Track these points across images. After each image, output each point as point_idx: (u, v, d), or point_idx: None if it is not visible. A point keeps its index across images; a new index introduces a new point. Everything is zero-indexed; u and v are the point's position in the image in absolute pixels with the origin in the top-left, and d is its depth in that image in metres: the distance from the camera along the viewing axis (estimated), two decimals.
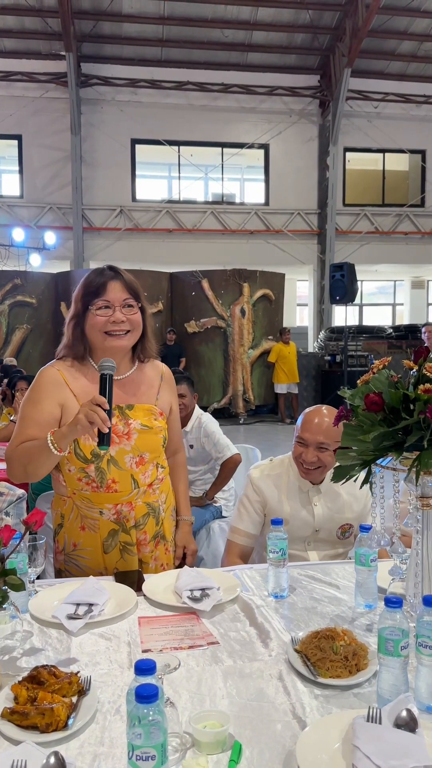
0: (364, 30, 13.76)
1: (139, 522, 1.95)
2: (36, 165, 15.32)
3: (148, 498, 1.96)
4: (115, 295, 1.88)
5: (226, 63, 15.39)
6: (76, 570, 1.97)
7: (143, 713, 0.94)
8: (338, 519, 2.26)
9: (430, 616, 1.21)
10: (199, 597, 1.69)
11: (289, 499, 2.26)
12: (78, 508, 1.94)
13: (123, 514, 1.92)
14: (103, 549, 1.93)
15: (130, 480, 1.91)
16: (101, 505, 1.91)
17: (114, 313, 1.87)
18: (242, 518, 2.32)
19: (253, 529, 2.31)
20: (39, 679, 1.24)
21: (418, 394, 1.39)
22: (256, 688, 1.31)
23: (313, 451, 2.17)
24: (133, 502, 1.93)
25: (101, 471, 1.88)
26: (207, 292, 12.08)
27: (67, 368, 1.93)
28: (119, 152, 15.56)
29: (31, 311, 12.06)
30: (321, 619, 1.63)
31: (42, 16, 13.71)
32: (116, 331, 1.88)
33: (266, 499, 2.28)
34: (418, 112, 16.53)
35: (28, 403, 1.90)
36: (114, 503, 1.91)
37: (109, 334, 1.88)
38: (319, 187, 16.44)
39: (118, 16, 14.02)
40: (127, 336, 1.90)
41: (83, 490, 1.91)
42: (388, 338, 13.92)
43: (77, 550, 1.96)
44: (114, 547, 1.93)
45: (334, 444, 2.14)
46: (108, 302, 1.88)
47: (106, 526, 1.92)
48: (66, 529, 1.97)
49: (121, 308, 1.89)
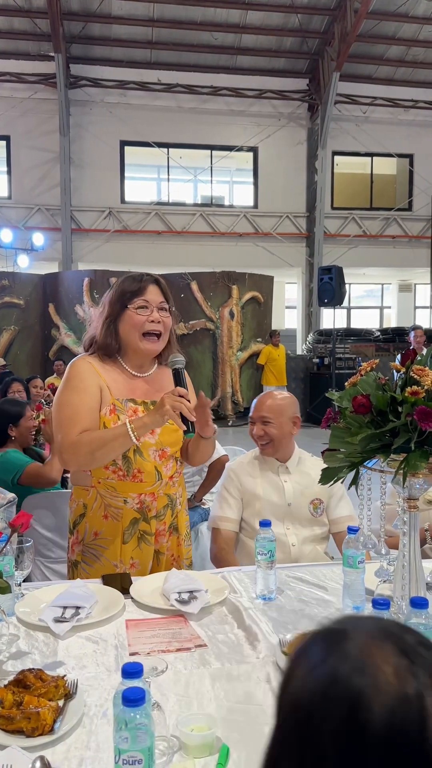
0: (352, 34, 13.84)
1: (159, 513, 2.02)
2: (24, 166, 15.26)
3: (168, 490, 2.04)
4: (152, 296, 1.98)
5: (215, 66, 15.42)
6: (93, 560, 2.02)
7: (130, 717, 0.94)
8: (308, 493, 2.41)
9: (417, 618, 1.22)
10: (186, 599, 1.69)
11: (261, 478, 2.45)
12: (102, 497, 2.00)
13: (146, 504, 1.99)
14: (122, 538, 1.99)
15: (154, 472, 1.98)
16: (126, 494, 1.97)
17: (152, 313, 1.96)
18: (222, 506, 2.44)
19: (235, 513, 2.43)
20: (25, 682, 1.23)
21: (406, 396, 1.39)
22: (244, 690, 1.30)
23: (259, 426, 2.40)
24: (155, 492, 2.00)
25: (128, 460, 1.95)
26: (196, 294, 12.07)
27: (97, 361, 2.02)
28: (108, 154, 15.54)
29: (19, 312, 11.98)
30: (309, 621, 1.63)
31: (31, 17, 13.67)
32: (153, 331, 1.97)
33: (241, 481, 2.45)
34: (406, 117, 16.64)
35: (73, 392, 1.97)
36: (138, 493, 1.98)
37: (145, 336, 1.97)
38: (307, 191, 16.50)
39: (107, 17, 14.01)
40: (161, 339, 2.01)
41: (109, 479, 1.97)
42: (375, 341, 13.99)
43: (98, 539, 2.01)
44: (133, 536, 2.00)
45: (277, 418, 2.40)
46: (147, 302, 1.97)
47: (128, 515, 1.99)
48: (88, 518, 2.02)
49: (158, 310, 1.98)
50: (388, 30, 14.83)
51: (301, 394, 12.97)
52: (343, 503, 2.44)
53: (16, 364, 11.21)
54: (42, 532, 3.21)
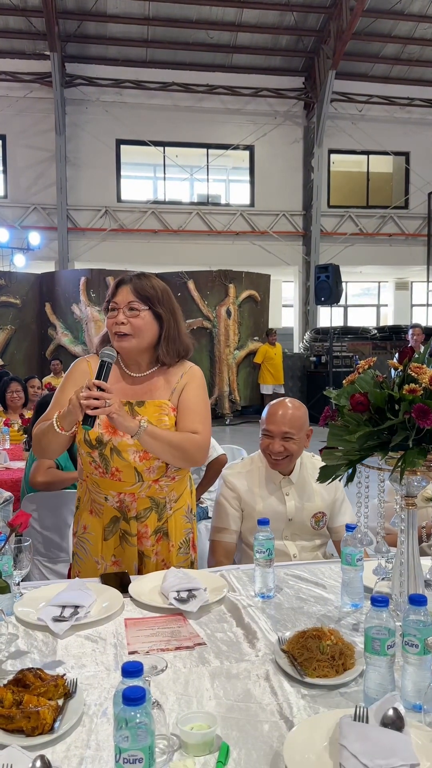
0: (348, 32, 13.84)
1: (140, 514, 2.01)
2: (20, 165, 15.22)
3: (153, 493, 2.01)
4: (121, 297, 1.97)
5: (211, 64, 15.40)
6: (83, 553, 2.07)
7: (130, 716, 0.94)
8: (310, 507, 2.32)
9: (416, 615, 1.22)
10: (185, 598, 1.69)
11: (262, 491, 2.33)
12: (90, 492, 2.05)
13: (125, 503, 2.00)
14: (103, 535, 2.02)
15: (133, 472, 1.96)
16: (107, 491, 2.00)
17: (118, 315, 1.95)
18: (221, 517, 2.37)
19: (234, 525, 2.36)
20: (24, 682, 1.23)
21: (403, 394, 1.39)
22: (243, 688, 1.31)
23: (279, 442, 2.25)
24: (136, 493, 1.99)
25: (105, 458, 1.96)
26: (193, 293, 12.08)
27: (95, 360, 2.05)
28: (104, 153, 15.51)
29: (16, 312, 11.96)
30: (308, 619, 1.64)
31: (26, 15, 13.64)
32: (117, 332, 1.95)
33: (240, 494, 2.34)
34: (402, 115, 16.65)
35: (59, 388, 2.08)
36: (117, 491, 1.99)
37: (116, 336, 1.97)
38: (303, 189, 16.50)
39: (102, 16, 13.98)
40: (135, 338, 1.96)
41: (93, 474, 2.00)
42: (372, 339, 14.00)
43: (85, 533, 2.06)
44: (114, 534, 2.02)
45: (298, 433, 2.25)
46: (116, 304, 1.97)
47: (109, 513, 2.01)
48: (79, 512, 2.10)
49: (125, 310, 1.95)
50: (384, 28, 14.83)
51: (298, 392, 12.99)
52: (344, 509, 2.38)
53: (13, 364, 11.20)
54: (41, 531, 3.21)
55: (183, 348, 2.08)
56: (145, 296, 1.97)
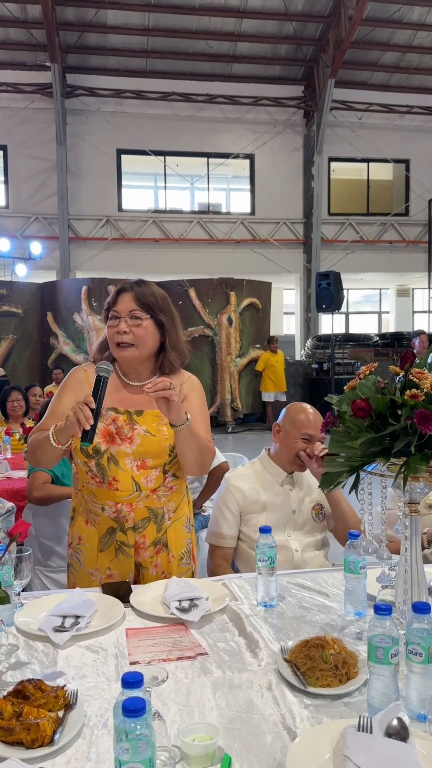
0: (347, 41, 13.92)
1: (137, 525, 1.97)
2: (22, 175, 15.30)
3: (150, 503, 1.98)
4: (122, 306, 1.95)
5: (210, 74, 15.49)
6: (77, 564, 2.04)
7: (130, 727, 0.92)
8: (309, 500, 2.43)
9: (419, 623, 1.20)
10: (187, 607, 1.67)
11: (265, 489, 2.43)
12: (85, 501, 2.02)
13: (123, 513, 1.96)
14: (99, 546, 1.99)
15: (131, 482, 1.94)
16: (103, 501, 1.96)
17: (119, 324, 1.93)
18: (220, 522, 2.42)
19: (233, 530, 2.42)
20: (24, 693, 1.22)
21: (405, 399, 1.38)
22: (246, 699, 1.29)
23: (319, 445, 2.35)
24: (133, 503, 1.96)
25: (102, 467, 1.93)
26: (194, 301, 12.09)
27: (93, 369, 2.01)
28: (105, 162, 15.59)
29: (17, 321, 11.99)
30: (310, 628, 1.62)
31: (27, 27, 13.75)
32: (118, 341, 1.94)
33: (244, 493, 2.40)
34: (402, 122, 16.72)
35: (55, 397, 2.06)
36: (115, 501, 1.95)
37: (117, 345, 1.95)
38: (304, 197, 16.55)
39: (103, 27, 14.08)
40: (136, 347, 1.94)
41: (89, 484, 1.98)
42: (374, 346, 14.01)
43: (80, 544, 2.03)
44: (110, 545, 1.98)
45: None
46: (117, 312, 1.95)
47: (105, 523, 1.98)
48: (75, 522, 2.06)
49: (127, 319, 1.93)
50: (383, 36, 14.92)
51: (300, 399, 12.91)
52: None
53: (15, 373, 11.21)
54: (41, 540, 3.20)
55: (184, 355, 2.08)
56: (147, 304, 1.96)
